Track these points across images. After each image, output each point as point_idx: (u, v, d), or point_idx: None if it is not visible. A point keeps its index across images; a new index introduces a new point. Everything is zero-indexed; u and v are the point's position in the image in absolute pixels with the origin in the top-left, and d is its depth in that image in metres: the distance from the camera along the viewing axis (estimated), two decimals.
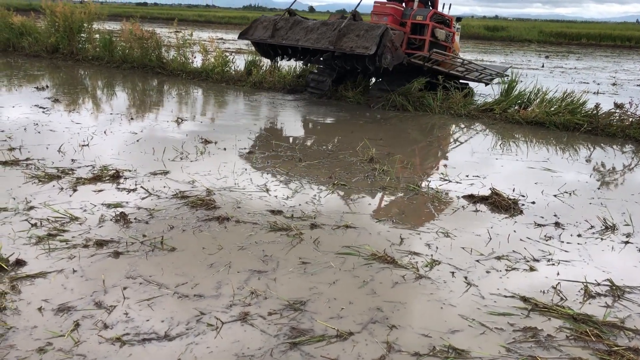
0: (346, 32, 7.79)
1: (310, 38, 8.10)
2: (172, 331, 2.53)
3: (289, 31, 8.48)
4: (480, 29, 33.42)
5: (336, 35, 7.73)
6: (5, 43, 14.41)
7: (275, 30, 8.62)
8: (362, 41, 7.58)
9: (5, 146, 5.39)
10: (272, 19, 8.89)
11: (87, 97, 8.74)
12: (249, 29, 9.17)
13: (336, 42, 7.73)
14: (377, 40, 7.45)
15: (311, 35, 8.13)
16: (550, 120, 7.59)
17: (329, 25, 8.10)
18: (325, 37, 7.93)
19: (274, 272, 3.13)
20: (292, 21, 8.61)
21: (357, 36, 7.67)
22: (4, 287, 2.84)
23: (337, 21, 8.10)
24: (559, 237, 3.83)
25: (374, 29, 7.65)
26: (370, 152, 5.66)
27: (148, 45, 12.03)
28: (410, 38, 8.86)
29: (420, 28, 8.83)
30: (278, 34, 8.59)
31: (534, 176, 5.31)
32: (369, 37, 7.55)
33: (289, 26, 8.54)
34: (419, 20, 8.74)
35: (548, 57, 20.85)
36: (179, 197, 4.24)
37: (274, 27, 8.63)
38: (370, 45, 7.44)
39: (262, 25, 8.93)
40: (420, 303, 2.90)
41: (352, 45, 7.63)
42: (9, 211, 3.81)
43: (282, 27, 8.62)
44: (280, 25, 8.65)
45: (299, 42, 8.23)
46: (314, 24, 8.30)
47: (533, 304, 2.91)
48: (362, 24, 7.93)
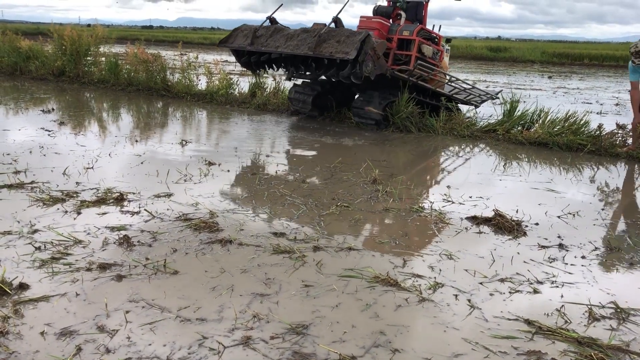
0: (326, 38, 7.59)
1: (290, 44, 7.90)
2: (174, 355, 2.52)
3: (269, 39, 8.26)
4: (483, 50, 33.66)
5: (315, 41, 7.54)
6: (13, 67, 14.62)
7: (255, 38, 8.39)
8: (343, 46, 7.34)
9: (10, 169, 5.44)
10: (253, 27, 8.69)
11: (93, 120, 8.82)
12: (229, 37, 8.92)
13: (315, 48, 7.52)
14: (357, 46, 7.21)
15: (291, 42, 7.93)
16: (553, 141, 7.60)
17: (309, 32, 7.91)
18: (305, 43, 7.72)
19: (277, 296, 3.13)
20: (272, 29, 8.42)
21: (338, 42, 7.46)
22: (7, 311, 2.84)
23: (318, 28, 7.92)
24: (562, 259, 3.81)
25: (356, 34, 7.44)
26: (373, 173, 5.67)
27: (153, 68, 12.18)
28: (397, 54, 8.72)
29: (406, 43, 8.70)
30: (258, 41, 8.36)
31: (538, 197, 5.30)
32: (350, 42, 7.33)
33: (270, 34, 8.33)
34: (406, 35, 8.61)
35: (551, 78, 20.94)
36: (182, 220, 4.26)
37: (254, 34, 8.42)
38: (350, 50, 7.21)
39: (243, 34, 8.71)
40: (423, 326, 2.88)
41: (332, 51, 7.40)
42: (13, 234, 3.83)
43: (262, 34, 8.40)
44: (261, 33, 8.44)
45: (278, 49, 8.03)
46: (295, 31, 8.11)
47: (537, 327, 2.89)
48: (343, 30, 7.74)
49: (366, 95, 8.66)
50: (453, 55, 28.35)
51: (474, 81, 17.60)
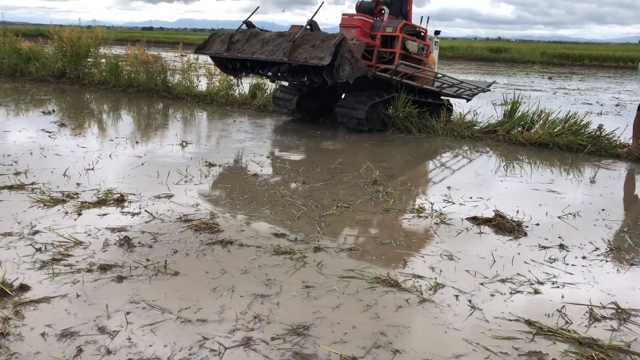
0: (301, 42, 7.34)
1: (266, 50, 7.68)
2: (175, 356, 2.52)
3: (245, 44, 8.04)
4: (484, 51, 33.67)
5: (290, 46, 7.30)
6: (13, 68, 14.64)
7: (231, 44, 8.18)
8: (318, 51, 7.09)
9: (11, 170, 5.44)
10: (230, 32, 8.47)
11: (93, 121, 8.82)
12: (206, 43, 8.70)
13: (290, 54, 7.28)
14: (332, 50, 6.96)
15: (267, 47, 7.71)
16: (553, 142, 7.60)
17: (285, 36, 7.70)
18: (281, 48, 7.49)
19: (277, 296, 3.13)
20: (248, 33, 8.19)
21: (313, 47, 7.21)
22: (7, 312, 2.84)
23: (294, 32, 7.70)
24: (563, 260, 3.81)
25: (331, 38, 7.18)
26: (373, 174, 5.67)
27: (153, 70, 12.20)
28: (381, 51, 8.47)
29: (390, 40, 8.47)
30: (234, 47, 8.15)
31: (538, 198, 5.30)
32: (325, 47, 7.06)
33: (246, 39, 8.11)
34: (389, 32, 8.37)
35: (551, 78, 20.95)
36: (183, 221, 4.26)
37: (230, 40, 8.20)
38: (325, 56, 6.94)
39: (220, 39, 8.49)
40: (424, 327, 2.88)
41: (307, 56, 7.15)
42: (14, 236, 3.83)
43: (238, 40, 8.19)
44: (237, 38, 8.22)
45: (254, 55, 7.80)
46: (271, 35, 7.91)
47: (538, 327, 2.89)
48: (318, 33, 7.48)
49: (351, 96, 8.50)
50: (454, 56, 28.40)
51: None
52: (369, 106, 8.22)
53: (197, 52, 8.88)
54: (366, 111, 8.20)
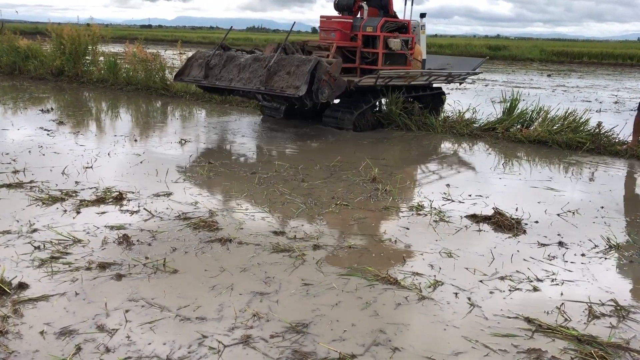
0: (277, 69, 7.17)
1: (243, 78, 7.50)
2: (174, 355, 2.52)
3: (222, 69, 7.85)
4: (483, 49, 33.63)
5: (266, 74, 7.13)
6: (12, 66, 14.60)
7: (208, 69, 7.96)
8: (293, 79, 6.96)
9: (9, 169, 5.43)
10: (206, 55, 8.23)
11: (92, 119, 8.81)
12: (185, 68, 8.43)
13: (267, 82, 7.13)
14: (307, 78, 6.85)
15: (243, 74, 7.53)
16: (552, 139, 7.60)
17: (260, 61, 7.49)
18: (257, 76, 7.33)
19: (276, 294, 3.12)
20: (225, 57, 7.96)
21: (288, 73, 7.07)
22: (6, 310, 2.84)
23: (269, 56, 7.49)
24: (562, 257, 3.81)
25: (305, 63, 7.01)
26: (372, 172, 5.67)
27: (152, 68, 12.17)
28: (363, 52, 8.34)
29: (372, 40, 8.26)
30: (212, 73, 7.94)
31: (537, 195, 5.30)
32: (300, 74, 6.94)
33: (223, 63, 7.92)
34: (369, 32, 8.16)
35: (550, 76, 20.95)
36: (182, 219, 4.25)
37: (207, 65, 7.96)
38: (301, 85, 6.81)
39: (197, 64, 8.28)
40: (423, 324, 2.88)
41: (283, 85, 7.01)
42: (13, 234, 3.83)
43: (215, 64, 7.96)
44: (214, 63, 7.98)
45: (231, 83, 7.59)
46: (247, 60, 7.69)
47: (537, 324, 2.89)
48: (292, 58, 7.28)
49: (338, 105, 8.34)
50: (453, 53, 28.35)
51: (473, 79, 17.61)
52: (356, 115, 8.08)
53: (176, 79, 8.63)
54: (353, 120, 8.07)
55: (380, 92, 8.35)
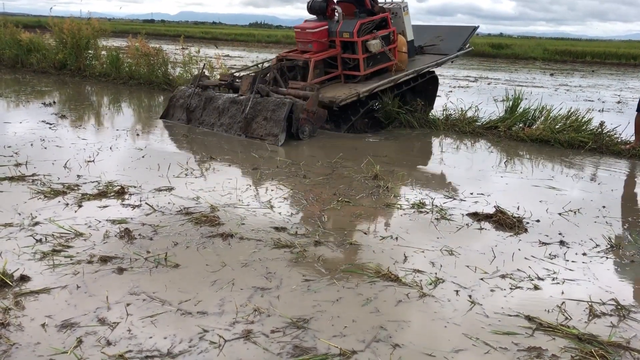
0: (254, 115, 7.16)
1: (223, 123, 7.49)
2: (175, 349, 2.53)
3: (203, 112, 7.83)
4: (485, 47, 33.53)
5: (244, 122, 7.15)
6: (14, 59, 14.59)
7: (190, 112, 7.94)
8: (271, 126, 6.97)
9: (12, 162, 5.44)
10: (187, 94, 8.13)
11: (94, 114, 8.81)
12: (169, 109, 8.39)
13: (246, 129, 7.16)
14: (284, 125, 6.90)
15: (223, 118, 7.52)
16: (555, 138, 7.59)
17: (237, 104, 7.44)
18: (236, 121, 7.33)
19: (277, 290, 3.13)
20: (204, 99, 7.91)
21: (265, 119, 7.06)
22: (8, 302, 2.85)
23: (245, 99, 7.34)
24: (563, 256, 3.81)
25: (281, 107, 6.95)
26: (374, 169, 5.67)
27: (154, 62, 12.16)
28: (344, 58, 8.13)
29: (350, 44, 8.01)
30: (194, 116, 7.92)
31: (539, 194, 5.29)
32: (276, 119, 6.94)
33: (202, 105, 7.88)
34: (346, 38, 7.92)
35: (553, 75, 20.91)
36: (184, 214, 4.26)
37: (188, 108, 7.95)
38: (279, 134, 6.87)
39: (179, 104, 8.23)
40: (424, 321, 2.88)
41: (262, 133, 7.03)
42: (15, 227, 3.83)
43: (196, 106, 7.94)
44: (194, 104, 7.95)
45: (213, 128, 7.57)
46: (224, 102, 7.62)
47: (537, 323, 2.89)
48: (268, 102, 7.12)
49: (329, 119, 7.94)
50: None
51: (475, 78, 17.59)
52: (348, 126, 7.93)
53: (162, 119, 8.42)
54: (346, 129, 7.93)
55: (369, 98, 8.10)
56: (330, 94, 7.58)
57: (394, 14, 8.78)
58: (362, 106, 8.02)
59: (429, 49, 9.55)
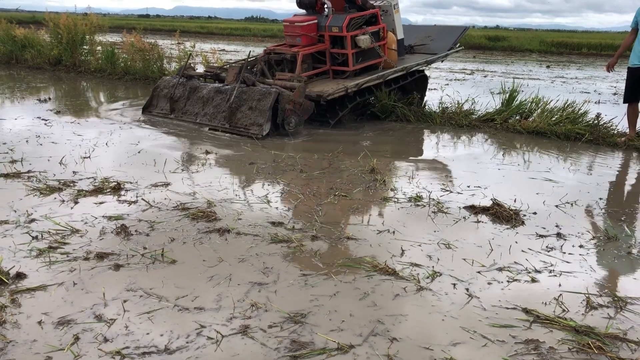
0: (239, 104, 7.08)
1: (207, 113, 7.42)
2: (172, 344, 2.52)
3: (187, 102, 7.75)
4: (482, 39, 33.49)
5: (228, 111, 7.08)
6: (9, 55, 14.52)
7: (174, 102, 7.86)
8: (255, 115, 6.91)
9: (7, 158, 5.42)
10: (170, 84, 8.07)
11: (89, 109, 8.78)
12: (152, 100, 8.30)
13: (230, 119, 7.08)
14: (269, 115, 6.82)
15: (208, 108, 7.46)
16: (551, 130, 7.59)
17: (222, 93, 7.37)
18: (220, 111, 7.27)
19: (275, 285, 3.12)
20: (188, 88, 7.85)
21: (250, 109, 7.00)
22: (4, 300, 2.84)
23: (230, 88, 7.28)
24: (560, 248, 3.82)
25: (266, 96, 6.87)
26: (371, 163, 5.66)
27: (150, 57, 12.11)
28: (333, 53, 8.03)
29: (340, 39, 7.94)
30: (177, 106, 7.83)
31: (536, 186, 5.29)
32: (262, 109, 6.87)
33: (187, 95, 7.81)
34: (336, 32, 7.82)
35: (549, 67, 20.90)
36: (180, 209, 4.25)
37: (172, 98, 7.87)
38: (264, 123, 6.81)
39: (163, 94, 8.15)
40: (421, 315, 2.88)
41: (247, 123, 6.96)
42: (10, 224, 3.82)
43: (180, 97, 7.87)
44: (178, 94, 7.89)
45: (197, 118, 7.50)
46: (209, 92, 7.56)
47: (535, 315, 2.89)
48: (253, 91, 7.06)
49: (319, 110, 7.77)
50: None
51: (472, 70, 17.57)
52: (335, 121, 7.82)
53: (144, 112, 8.31)
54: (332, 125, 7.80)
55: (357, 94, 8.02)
56: (318, 88, 7.52)
57: (385, 12, 8.73)
58: (350, 101, 7.92)
59: (419, 48, 9.54)
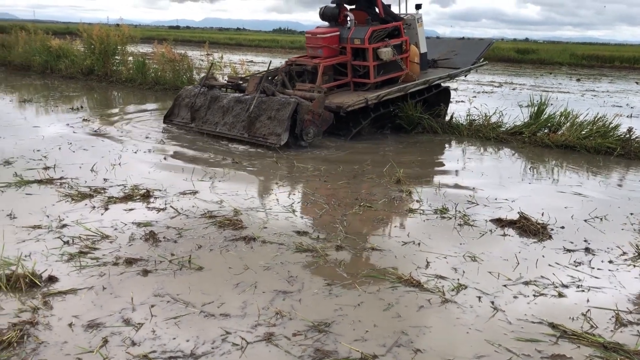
0: (258, 114, 7.07)
1: (227, 122, 7.43)
2: (198, 350, 2.56)
3: (207, 111, 7.79)
4: (511, 52, 33.21)
5: (247, 121, 7.06)
6: (44, 65, 14.94)
7: (194, 111, 7.90)
8: (274, 125, 6.89)
9: (40, 165, 5.56)
10: (193, 93, 8.11)
11: (120, 118, 8.96)
12: (173, 109, 8.38)
13: (249, 129, 7.05)
14: (287, 124, 6.77)
15: (227, 117, 7.46)
16: (581, 144, 7.48)
17: (242, 103, 7.39)
18: (240, 120, 7.26)
19: (299, 293, 3.14)
20: (209, 98, 7.88)
21: (269, 118, 6.97)
22: (36, 302, 2.92)
23: (250, 98, 7.28)
24: (589, 263, 3.76)
25: (285, 106, 6.84)
26: (397, 174, 5.66)
27: (180, 68, 12.33)
28: (354, 65, 8.05)
29: (362, 51, 7.94)
30: (198, 115, 7.87)
31: (564, 200, 5.22)
32: (280, 119, 6.83)
33: (207, 104, 7.85)
34: (358, 44, 7.84)
35: (579, 80, 20.62)
36: (207, 217, 4.31)
37: (192, 107, 7.91)
38: (282, 133, 6.75)
39: (184, 103, 8.20)
40: (445, 327, 2.87)
41: (265, 132, 6.93)
42: (43, 228, 3.92)
43: (200, 106, 7.90)
44: (199, 104, 7.92)
45: (217, 128, 7.50)
46: (229, 101, 7.58)
47: (562, 330, 2.86)
48: (272, 101, 7.05)
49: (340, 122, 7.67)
50: None
51: (500, 83, 17.43)
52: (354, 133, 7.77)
53: (165, 121, 8.41)
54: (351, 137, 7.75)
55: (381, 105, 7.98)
56: (338, 99, 7.53)
57: (408, 25, 8.75)
58: (370, 114, 7.86)
59: (442, 62, 9.49)
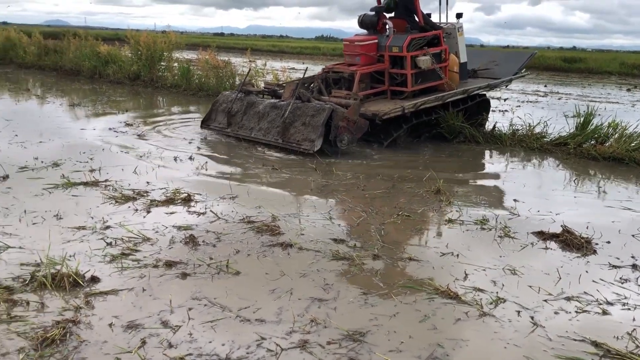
0: (292, 119, 7.09)
1: (262, 128, 7.46)
2: (233, 354, 2.58)
3: (243, 117, 7.85)
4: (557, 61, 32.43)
5: (282, 126, 7.10)
6: (93, 70, 15.44)
7: (231, 117, 7.98)
8: (308, 131, 6.86)
9: (86, 167, 5.73)
10: (230, 99, 8.22)
11: (164, 123, 9.16)
12: (210, 114, 8.48)
13: (283, 134, 7.08)
14: (321, 130, 6.75)
15: (262, 123, 7.50)
16: (630, 157, 7.24)
17: (278, 109, 7.40)
18: (274, 126, 7.28)
19: (335, 301, 3.14)
20: (246, 103, 7.96)
21: (304, 124, 6.97)
22: (79, 301, 3.00)
23: (286, 104, 7.29)
24: (636, 281, 3.63)
25: (320, 113, 6.83)
26: (437, 183, 5.59)
27: (223, 74, 12.53)
28: (392, 73, 7.97)
29: (400, 59, 7.86)
30: (234, 120, 7.94)
31: (611, 215, 5.06)
32: (315, 125, 6.82)
33: (244, 109, 7.92)
34: (395, 52, 7.78)
35: (630, 90, 19.98)
36: (246, 222, 4.35)
37: (229, 112, 8.00)
38: (316, 139, 6.73)
39: (221, 109, 8.28)
40: (483, 341, 2.81)
41: (299, 138, 6.92)
42: (87, 230, 4.04)
43: (237, 111, 7.98)
44: (235, 109, 8.01)
45: (252, 133, 7.55)
46: (265, 107, 7.61)
47: (605, 349, 2.76)
48: (307, 107, 7.04)
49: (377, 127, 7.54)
50: None
51: (545, 92, 17.05)
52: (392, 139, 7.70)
53: (202, 125, 8.52)
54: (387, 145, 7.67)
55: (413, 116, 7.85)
56: (374, 107, 7.48)
57: (448, 34, 8.66)
58: (406, 122, 7.77)
59: (482, 72, 9.36)
